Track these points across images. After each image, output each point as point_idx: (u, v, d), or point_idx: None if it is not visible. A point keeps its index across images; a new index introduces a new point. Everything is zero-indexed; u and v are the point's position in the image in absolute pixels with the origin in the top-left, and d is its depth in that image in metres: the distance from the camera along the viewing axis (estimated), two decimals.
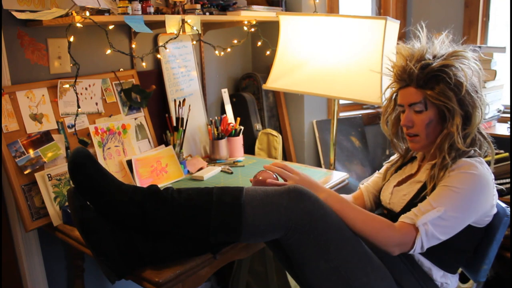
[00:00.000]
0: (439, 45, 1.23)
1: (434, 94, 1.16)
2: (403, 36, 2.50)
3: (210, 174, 1.77)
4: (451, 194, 1.11)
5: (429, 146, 1.24)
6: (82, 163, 1.12)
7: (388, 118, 1.36)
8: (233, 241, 1.20)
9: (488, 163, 1.21)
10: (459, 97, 1.15)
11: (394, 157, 1.44)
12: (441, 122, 1.20)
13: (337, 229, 1.13)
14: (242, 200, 1.10)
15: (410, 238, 1.11)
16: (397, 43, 1.30)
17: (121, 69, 1.80)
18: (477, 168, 1.13)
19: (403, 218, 1.15)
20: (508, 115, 2.30)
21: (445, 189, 1.13)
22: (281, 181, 1.28)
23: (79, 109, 1.56)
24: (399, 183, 1.33)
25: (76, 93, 1.53)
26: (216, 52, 1.95)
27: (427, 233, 1.10)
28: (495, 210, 1.20)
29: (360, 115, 2.57)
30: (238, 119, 2.11)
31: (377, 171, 1.49)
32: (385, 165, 1.45)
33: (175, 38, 1.67)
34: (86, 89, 1.65)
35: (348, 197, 1.48)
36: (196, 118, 2.04)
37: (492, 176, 1.17)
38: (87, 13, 1.38)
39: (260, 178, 1.28)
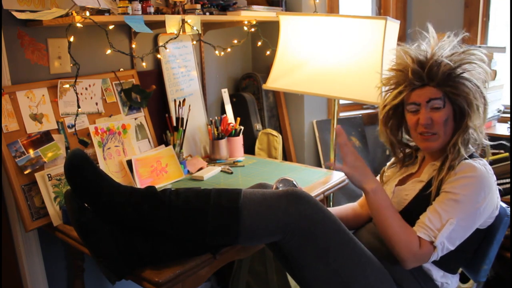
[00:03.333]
0: (448, 45, 1.22)
1: (455, 90, 1.16)
2: (403, 36, 2.50)
3: (210, 174, 1.77)
4: (459, 202, 1.11)
5: (443, 145, 1.22)
6: (79, 165, 1.11)
7: (387, 126, 1.33)
8: (230, 244, 1.20)
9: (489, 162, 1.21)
10: (476, 93, 1.16)
11: (393, 160, 1.44)
12: (455, 120, 1.20)
13: (336, 232, 1.13)
14: (239, 203, 1.10)
15: (428, 255, 1.13)
16: (400, 44, 1.29)
17: (121, 69, 1.80)
18: (480, 170, 1.13)
19: (420, 233, 1.13)
20: (508, 115, 2.31)
21: (451, 197, 1.12)
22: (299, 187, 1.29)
23: (79, 109, 1.56)
24: (401, 182, 1.33)
25: (76, 93, 1.53)
26: (216, 52, 1.95)
27: (443, 248, 1.12)
28: (497, 211, 1.20)
29: (360, 115, 2.57)
30: (238, 119, 2.11)
31: (379, 175, 1.49)
32: (384, 169, 1.45)
33: (175, 38, 1.67)
34: (86, 89, 1.65)
35: (354, 205, 1.48)
36: (196, 118, 2.04)
37: (494, 178, 1.17)
38: (87, 13, 1.38)
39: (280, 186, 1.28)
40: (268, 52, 2.15)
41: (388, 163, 1.45)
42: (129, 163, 1.65)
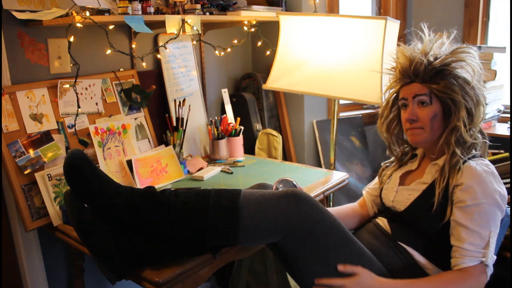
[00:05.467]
0: (439, 46, 1.24)
1: (440, 87, 1.17)
2: (403, 37, 2.50)
3: (210, 174, 1.77)
4: (486, 211, 1.11)
5: (432, 142, 1.24)
6: (78, 165, 1.11)
7: (384, 122, 1.35)
8: (230, 245, 1.20)
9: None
10: (465, 91, 1.17)
11: (392, 159, 1.44)
12: (444, 118, 1.21)
13: (336, 233, 1.13)
14: (239, 204, 1.10)
15: (484, 275, 1.12)
16: (398, 44, 1.31)
17: (121, 69, 1.80)
18: (485, 172, 1.14)
19: (466, 262, 1.11)
20: (508, 115, 2.31)
21: (477, 209, 1.11)
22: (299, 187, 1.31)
23: (79, 109, 1.56)
24: (403, 181, 1.33)
25: (76, 93, 1.53)
26: (216, 52, 1.95)
27: (492, 261, 1.13)
28: None
29: (360, 115, 2.57)
30: (238, 119, 2.11)
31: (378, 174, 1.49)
32: (382, 166, 1.45)
33: (175, 38, 1.67)
34: (86, 89, 1.65)
35: (354, 205, 1.47)
36: (196, 118, 2.04)
37: (497, 173, 1.18)
38: (87, 13, 1.38)
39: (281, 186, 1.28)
40: (268, 52, 2.16)
41: (386, 161, 1.45)
42: (129, 163, 1.65)
